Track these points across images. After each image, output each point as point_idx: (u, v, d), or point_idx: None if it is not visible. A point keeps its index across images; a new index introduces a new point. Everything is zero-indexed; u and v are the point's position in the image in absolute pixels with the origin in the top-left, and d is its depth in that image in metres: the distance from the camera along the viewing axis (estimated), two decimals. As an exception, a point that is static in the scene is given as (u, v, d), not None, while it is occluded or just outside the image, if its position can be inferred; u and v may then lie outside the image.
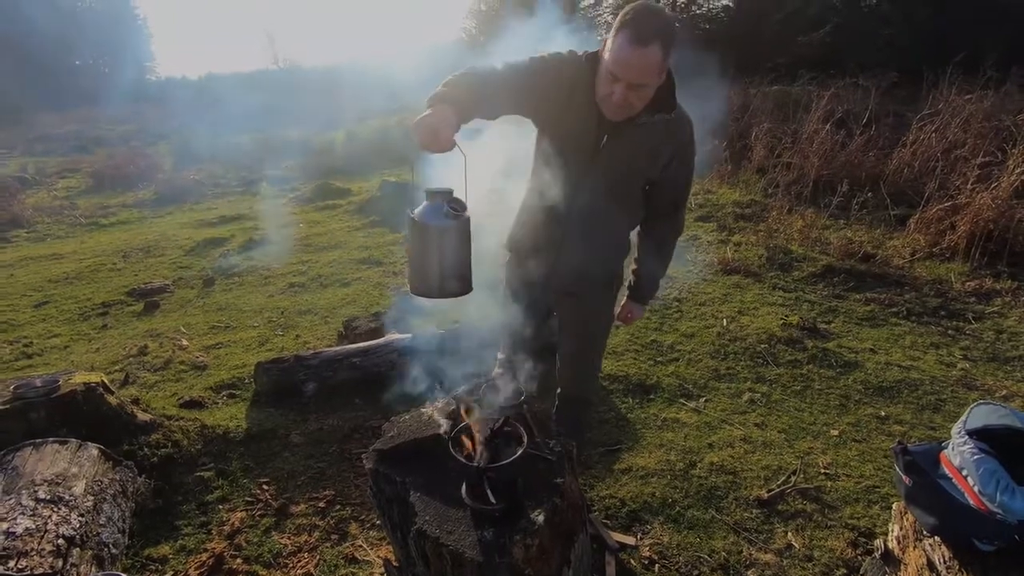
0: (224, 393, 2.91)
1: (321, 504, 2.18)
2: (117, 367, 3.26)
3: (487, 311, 3.76)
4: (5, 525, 1.53)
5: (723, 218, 5.69)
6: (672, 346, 3.36)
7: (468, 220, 1.46)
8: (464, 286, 1.54)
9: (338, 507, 2.20)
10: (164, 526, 2.07)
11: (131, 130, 15.77)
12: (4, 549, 1.46)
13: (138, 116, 18.27)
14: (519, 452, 1.51)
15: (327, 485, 2.30)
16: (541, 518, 1.46)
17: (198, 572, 1.87)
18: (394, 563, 1.76)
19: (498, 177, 1.96)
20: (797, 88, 8.55)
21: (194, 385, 3.00)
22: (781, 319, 3.58)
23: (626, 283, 2.05)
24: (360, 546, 2.03)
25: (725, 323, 3.59)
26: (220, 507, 2.17)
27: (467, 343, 3.02)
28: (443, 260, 1.46)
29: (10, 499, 1.63)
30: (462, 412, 1.70)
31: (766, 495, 2.19)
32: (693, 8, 19.49)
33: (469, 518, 1.47)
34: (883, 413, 2.72)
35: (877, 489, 2.23)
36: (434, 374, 2.92)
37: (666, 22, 1.47)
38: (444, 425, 1.73)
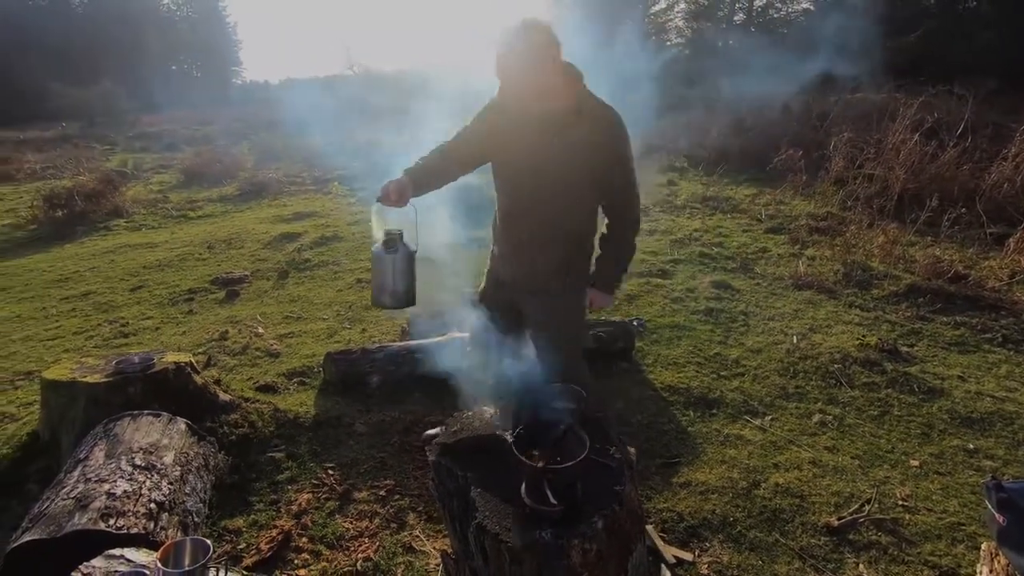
0: (295, 380, 3.07)
1: (382, 492, 2.26)
2: (200, 350, 3.50)
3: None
4: (107, 486, 1.69)
5: (796, 230, 5.44)
6: (737, 360, 3.25)
7: (409, 253, 1.98)
8: (406, 300, 2.04)
9: (397, 496, 2.27)
10: (238, 501, 2.21)
11: (217, 130, 16.86)
12: (106, 508, 1.61)
13: (223, 117, 19.50)
14: (581, 455, 1.51)
15: (388, 475, 2.37)
16: (600, 524, 1.45)
17: (268, 546, 1.98)
18: (451, 555, 1.80)
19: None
20: (882, 96, 8.07)
21: (268, 371, 3.18)
22: (858, 339, 3.39)
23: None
24: (417, 536, 2.08)
25: (795, 340, 3.44)
26: (289, 487, 2.29)
27: (526, 345, 3.04)
28: (390, 280, 1.98)
29: (112, 463, 1.79)
30: (525, 413, 1.73)
31: (836, 522, 2.08)
32: (770, 12, 18.78)
33: (528, 517, 1.48)
34: (971, 446, 2.52)
35: (963, 527, 2.07)
36: (493, 374, 2.96)
37: (543, 26, 1.69)
38: (507, 424, 1.76)
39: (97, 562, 1.38)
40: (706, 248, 5.15)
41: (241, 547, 2.00)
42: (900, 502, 2.19)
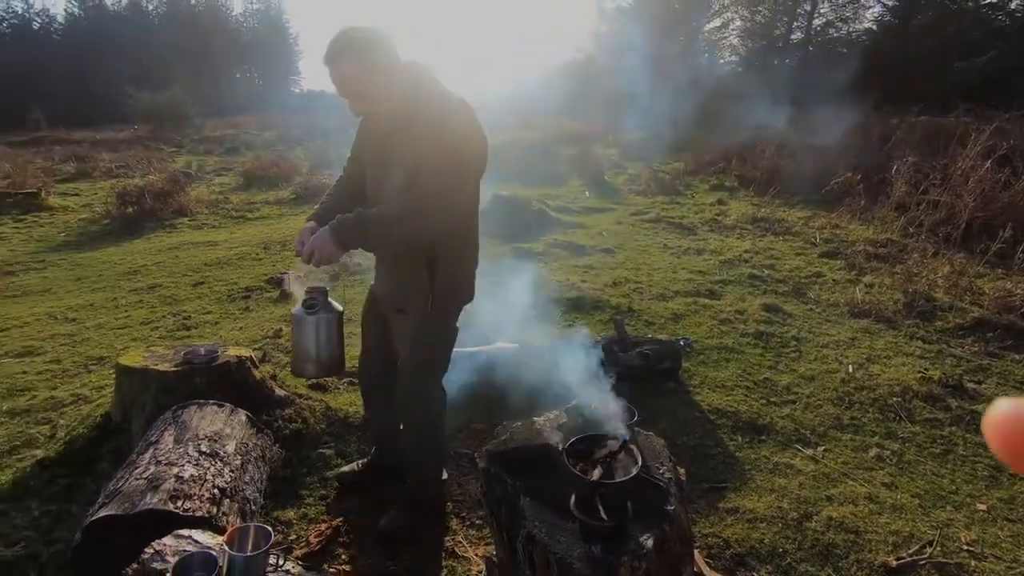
0: (345, 380, 3.16)
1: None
2: (257, 346, 3.64)
3: (594, 329, 3.76)
4: (176, 470, 1.78)
5: (852, 256, 5.26)
6: (788, 387, 3.16)
7: (336, 315, 1.87)
8: (330, 368, 1.96)
9: (441, 510, 2.30)
10: (290, 493, 2.29)
11: (275, 136, 17.61)
12: (175, 490, 1.70)
13: (281, 123, 20.35)
14: (633, 472, 1.51)
15: (432, 479, 2.41)
16: (650, 543, 1.44)
17: (317, 540, 2.04)
18: (495, 562, 1.81)
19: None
20: (950, 119, 7.74)
21: (320, 369, 3.29)
22: (920, 372, 3.24)
23: None
24: (460, 542, 2.10)
25: (851, 369, 3.32)
26: (338, 484, 2.36)
27: (572, 358, 3.04)
28: (312, 347, 1.88)
29: (180, 448, 1.89)
30: (576, 426, 1.73)
31: (894, 563, 1.99)
32: (831, 31, 18.32)
33: (578, 530, 1.49)
34: (1045, 493, 2.37)
35: (1035, 578, 1.95)
36: (540, 385, 2.97)
37: (353, 35, 1.67)
38: (556, 436, 1.77)
39: (168, 540, 1.46)
40: (756, 270, 5.04)
41: (292, 538, 2.06)
42: (965, 547, 2.08)
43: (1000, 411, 0.29)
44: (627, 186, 9.57)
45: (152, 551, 1.44)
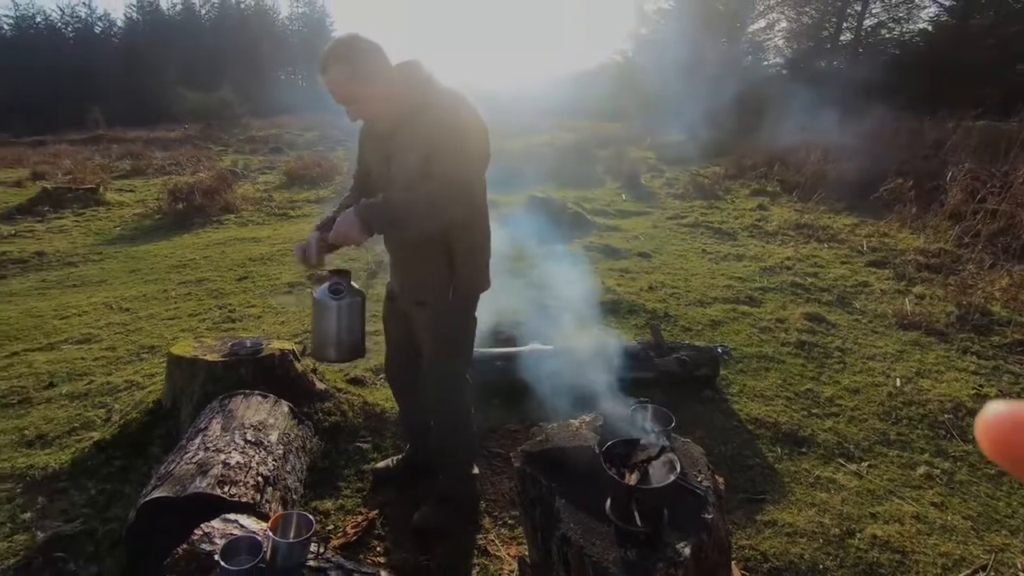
0: (383, 375, 3.21)
1: (460, 493, 2.32)
2: (297, 340, 3.75)
3: (630, 334, 3.72)
4: (223, 456, 1.85)
5: (901, 266, 5.07)
6: (831, 399, 3.06)
7: (359, 300, 1.84)
8: (352, 352, 1.90)
9: (475, 506, 2.32)
10: (329, 484, 2.35)
11: (316, 136, 18.05)
12: (222, 476, 1.77)
13: (322, 124, 20.85)
14: (671, 479, 1.49)
15: (466, 476, 2.43)
16: (687, 551, 1.42)
17: (354, 531, 2.09)
18: (528, 562, 1.82)
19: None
20: (1012, 124, 7.36)
21: (358, 364, 3.36)
22: (973, 388, 3.10)
23: None
24: (492, 540, 2.12)
25: (898, 383, 3.19)
26: (373, 478, 2.40)
27: (607, 361, 3.03)
28: (333, 331, 1.83)
29: (227, 435, 1.97)
30: (613, 429, 1.72)
31: (943, 586, 1.91)
32: (882, 32, 17.67)
33: (613, 534, 1.48)
34: (1111, 521, 2.23)
35: (1099, 611, 1.84)
36: (575, 388, 2.96)
37: (341, 44, 1.72)
38: (592, 439, 1.77)
39: (216, 523, 1.52)
40: (799, 278, 4.90)
41: (329, 528, 2.12)
42: (1021, 573, 1.98)
43: (994, 413, 0.29)
44: (664, 190, 9.44)
45: (201, 533, 1.50)
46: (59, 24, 40.44)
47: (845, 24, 18.44)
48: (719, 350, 3.38)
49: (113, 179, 10.98)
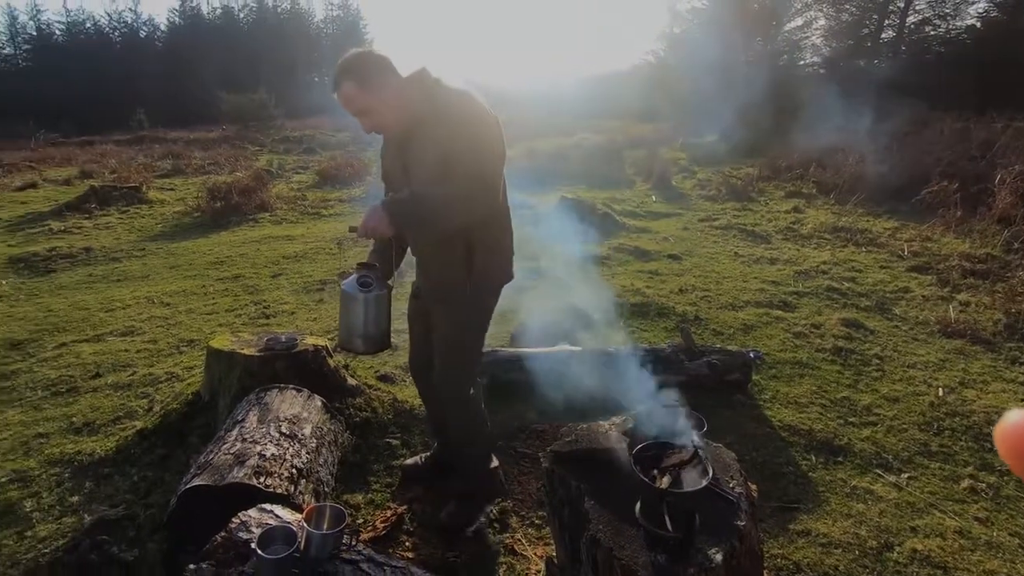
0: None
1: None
2: (329, 336, 3.82)
3: (656, 336, 3.69)
4: (259, 448, 1.90)
5: (945, 271, 4.88)
6: (868, 408, 2.97)
7: (386, 292, 1.84)
8: (380, 343, 1.92)
9: (500, 499, 2.33)
10: (359, 479, 2.39)
11: (348, 137, 18.36)
12: (258, 467, 1.82)
13: (354, 125, 21.21)
14: (703, 484, 1.47)
15: (493, 475, 2.44)
16: (719, 557, 1.40)
17: (383, 525, 2.12)
18: (556, 563, 1.82)
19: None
20: (1067, 125, 7.03)
21: (388, 362, 3.41)
22: (1022, 400, 2.97)
23: None
24: (519, 540, 2.12)
25: (941, 393, 3.08)
26: (402, 474, 2.44)
27: (634, 364, 3.00)
28: (361, 322, 1.86)
29: (263, 428, 2.02)
30: (644, 432, 1.71)
31: (988, 605, 1.83)
32: (927, 29, 17.06)
33: (642, 538, 1.47)
34: None
35: None
36: (602, 390, 2.95)
37: (349, 60, 1.78)
38: (622, 441, 1.76)
39: (252, 512, 1.56)
40: (835, 282, 4.77)
41: (359, 522, 2.15)
42: (1073, 595, 1.89)
43: (1013, 421, 0.28)
44: (696, 191, 9.30)
45: (238, 522, 1.54)
46: (107, 29, 42.17)
47: (887, 21, 17.85)
48: (751, 355, 3.32)
49: (155, 178, 11.37)
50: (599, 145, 12.79)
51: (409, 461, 2.45)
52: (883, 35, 17.98)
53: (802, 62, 19.16)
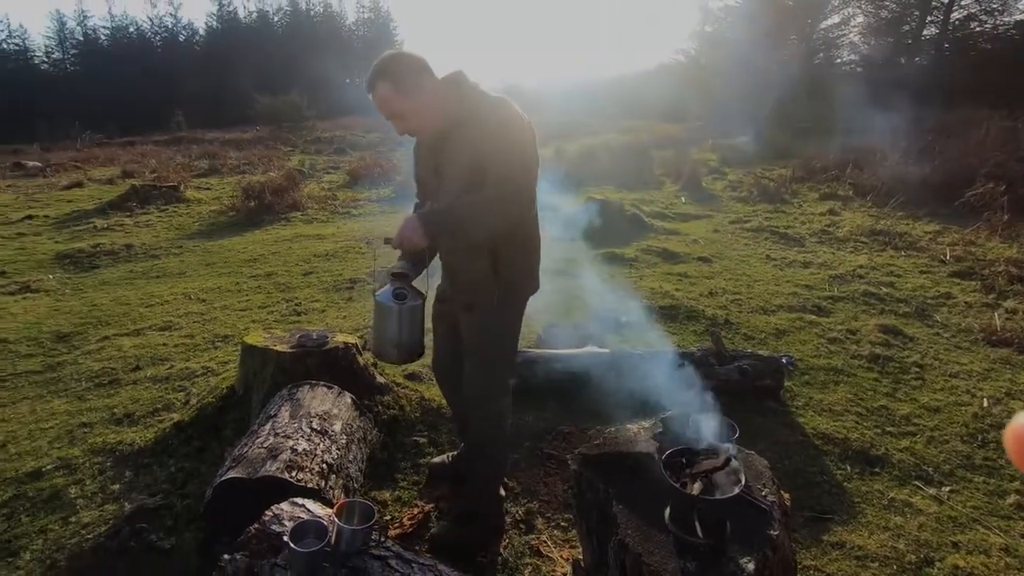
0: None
1: (514, 492, 2.33)
2: (358, 334, 3.88)
3: (686, 339, 3.64)
4: (291, 443, 1.94)
5: (991, 277, 4.69)
6: (908, 417, 2.88)
7: (419, 304, 1.84)
8: (412, 353, 1.92)
9: (526, 500, 2.33)
10: (386, 476, 2.42)
11: (378, 138, 18.61)
12: (290, 461, 1.85)
13: (384, 126, 21.48)
14: (735, 491, 1.44)
15: (519, 476, 2.44)
16: (751, 566, 1.37)
17: (410, 522, 2.14)
18: (583, 566, 1.81)
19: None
20: (1125, 125, 6.68)
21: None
22: (1074, 413, 2.83)
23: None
24: (545, 542, 2.12)
25: (986, 403, 2.96)
26: (428, 472, 2.46)
27: (663, 368, 2.96)
28: (395, 332, 1.87)
29: (295, 423, 2.06)
30: (675, 438, 1.69)
31: (1036, 627, 1.75)
32: (972, 25, 16.43)
33: (672, 544, 1.45)
34: None
35: None
36: (630, 393, 2.92)
37: (385, 62, 1.76)
38: (651, 446, 1.74)
39: (285, 506, 1.60)
40: (873, 287, 4.63)
41: (387, 518, 2.18)
42: None
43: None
44: (727, 192, 9.15)
45: (271, 514, 1.58)
46: (148, 34, 43.66)
47: (930, 18, 17.24)
48: (784, 360, 3.25)
49: (192, 178, 11.71)
50: (627, 145, 12.68)
51: (436, 459, 2.46)
52: (925, 32, 17.38)
53: (838, 60, 18.65)
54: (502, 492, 2.22)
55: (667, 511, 1.51)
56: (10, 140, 22.39)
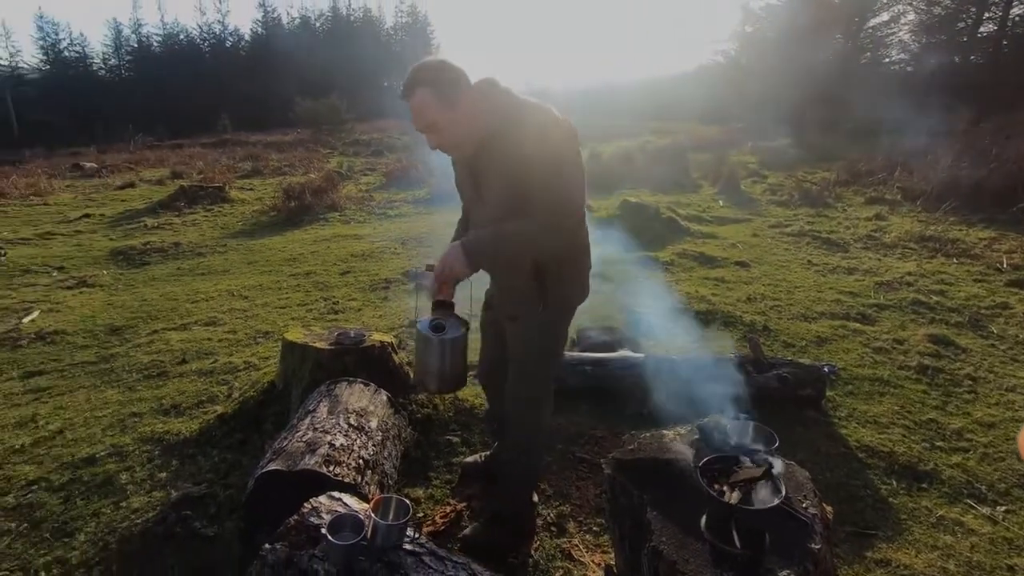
0: (472, 372, 3.29)
1: (547, 494, 2.33)
2: (393, 333, 3.94)
3: (723, 346, 3.56)
4: (329, 437, 1.99)
5: (1053, 287, 4.44)
6: (959, 432, 2.75)
7: (461, 335, 1.78)
8: (454, 384, 1.88)
9: (558, 503, 2.32)
10: (420, 474, 2.45)
11: (413, 141, 18.87)
12: (328, 456, 1.90)
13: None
14: (775, 502, 1.41)
15: (551, 479, 2.44)
16: (791, 580, 1.34)
17: (442, 520, 2.16)
18: (615, 571, 1.79)
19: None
20: None
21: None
22: None
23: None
24: (576, 546, 2.11)
25: (1046, 420, 2.80)
26: (461, 472, 2.48)
27: (699, 373, 2.91)
28: (436, 363, 1.83)
29: (332, 419, 2.11)
30: (711, 445, 1.66)
31: (1101, 659, 1.65)
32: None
33: (708, 553, 1.42)
34: None
35: None
36: (665, 398, 2.88)
37: (426, 67, 1.66)
38: (687, 452, 1.71)
39: (323, 499, 1.64)
40: (922, 295, 4.44)
41: (420, 516, 2.21)
42: None
43: None
44: (766, 196, 8.93)
45: (310, 507, 1.62)
46: (198, 40, 45.40)
47: (987, 14, 16.44)
48: (825, 369, 3.15)
49: (236, 179, 12.13)
50: (663, 148, 12.52)
51: (469, 459, 2.48)
52: (981, 29, 16.58)
53: (887, 60, 17.96)
54: (535, 497, 2.21)
55: (703, 519, 1.48)
56: (72, 143, 23.64)
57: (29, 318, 4.55)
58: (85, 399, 3.22)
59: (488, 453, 2.46)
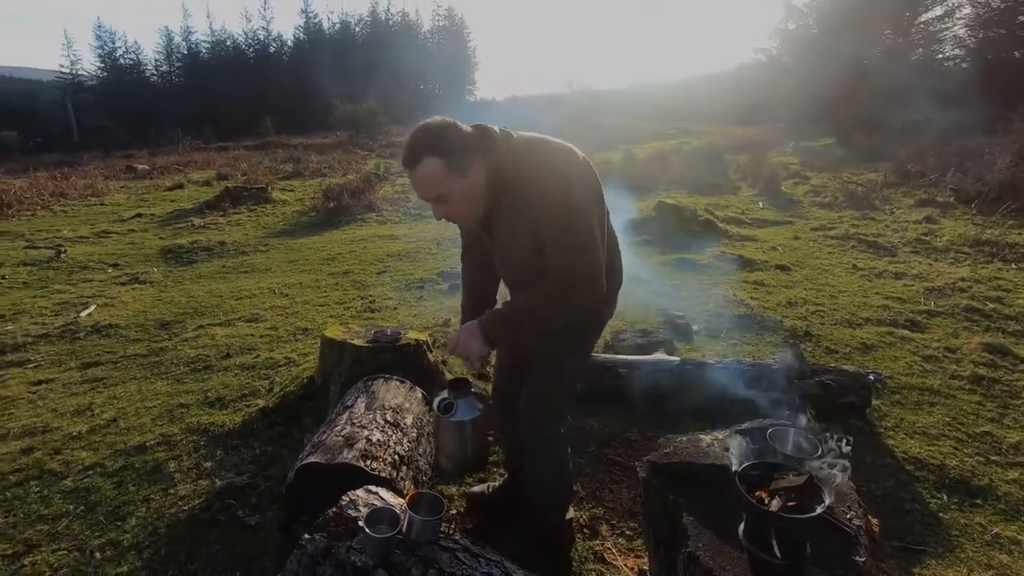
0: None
1: (580, 496, 2.32)
2: (428, 332, 3.99)
3: (762, 351, 3.48)
4: (366, 433, 2.03)
5: (1123, 295, 4.16)
6: (1017, 446, 2.61)
7: (475, 418, 1.75)
8: (469, 465, 1.89)
9: (591, 505, 2.31)
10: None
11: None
12: (365, 450, 1.94)
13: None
14: (817, 511, 1.37)
15: (584, 482, 2.43)
16: (833, 593, 1.30)
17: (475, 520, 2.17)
18: (649, 575, 1.78)
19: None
20: None
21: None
22: None
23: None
24: (609, 549, 2.09)
25: (1114, 437, 2.63)
26: (494, 470, 2.49)
27: (736, 378, 2.85)
28: (450, 445, 1.83)
29: (370, 414, 2.16)
30: (750, 451, 1.62)
31: None
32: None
33: (746, 561, 1.39)
34: None
35: None
36: (700, 401, 2.83)
37: (432, 131, 1.48)
38: (725, 457, 1.68)
39: (360, 492, 1.67)
40: (977, 302, 4.23)
41: (452, 513, 2.23)
42: None
43: None
44: (809, 198, 8.66)
45: (348, 499, 1.65)
46: (243, 46, 47.03)
47: (1051, 6, 15.51)
48: (871, 377, 3.03)
49: (278, 180, 12.49)
50: (700, 148, 12.30)
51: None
52: (1046, 21, 15.66)
53: (940, 55, 17.18)
54: (569, 514, 2.04)
55: (741, 527, 1.45)
56: (126, 146, 24.84)
57: (86, 312, 4.80)
58: (136, 390, 3.38)
59: (497, 484, 2.30)
